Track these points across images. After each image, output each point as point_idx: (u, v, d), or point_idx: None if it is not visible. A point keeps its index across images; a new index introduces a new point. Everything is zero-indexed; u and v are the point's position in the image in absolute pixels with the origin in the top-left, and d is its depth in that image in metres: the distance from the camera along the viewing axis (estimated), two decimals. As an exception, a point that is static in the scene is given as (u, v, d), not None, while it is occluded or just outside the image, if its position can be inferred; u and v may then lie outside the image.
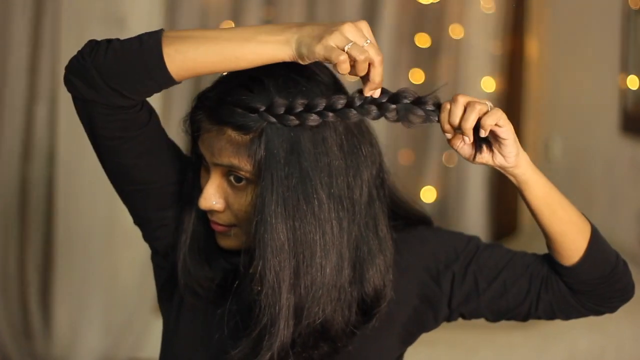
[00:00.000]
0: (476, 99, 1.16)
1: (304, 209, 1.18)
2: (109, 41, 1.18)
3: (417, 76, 3.80)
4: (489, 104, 1.16)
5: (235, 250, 1.29)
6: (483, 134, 1.15)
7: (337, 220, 1.20)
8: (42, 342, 3.42)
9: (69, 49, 3.28)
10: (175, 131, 1.36)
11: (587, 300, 1.32)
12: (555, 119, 3.66)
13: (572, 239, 1.26)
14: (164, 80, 1.17)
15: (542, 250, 1.33)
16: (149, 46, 1.15)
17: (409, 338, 1.36)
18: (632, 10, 2.93)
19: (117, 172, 1.29)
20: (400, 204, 1.35)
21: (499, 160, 1.19)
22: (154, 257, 1.40)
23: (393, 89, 1.20)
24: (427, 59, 3.81)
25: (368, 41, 1.15)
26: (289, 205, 1.18)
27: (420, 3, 3.77)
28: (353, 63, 1.15)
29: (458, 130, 1.17)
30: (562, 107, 3.60)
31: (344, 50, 1.13)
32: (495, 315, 1.34)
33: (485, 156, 1.18)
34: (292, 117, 1.16)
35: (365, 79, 1.17)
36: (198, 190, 1.28)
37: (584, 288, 1.30)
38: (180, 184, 1.32)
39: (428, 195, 3.78)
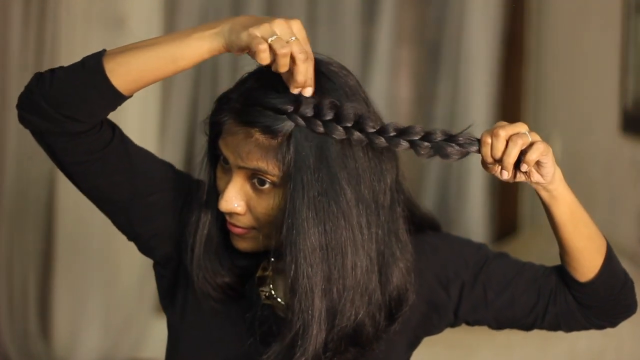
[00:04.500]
0: (516, 129, 1.15)
1: (335, 213, 1.18)
2: (52, 71, 1.19)
3: (417, 76, 3.80)
4: (528, 133, 1.15)
5: (250, 252, 1.28)
6: (525, 168, 1.15)
7: (366, 224, 1.20)
8: (42, 342, 3.42)
9: (70, 49, 3.30)
10: (175, 129, 1.36)
11: (593, 315, 1.33)
12: (554, 119, 3.66)
13: (590, 255, 1.27)
14: (113, 97, 1.17)
15: (542, 249, 1.33)
16: (91, 66, 1.17)
17: (416, 342, 1.37)
18: (632, 10, 2.93)
19: (94, 194, 1.29)
20: (414, 208, 1.35)
21: (536, 178, 1.19)
22: (155, 266, 1.39)
23: (393, 89, 1.20)
24: (427, 59, 3.81)
25: (294, 38, 1.14)
26: (320, 209, 1.17)
27: (420, 3, 3.77)
28: (275, 57, 1.14)
29: (499, 162, 1.16)
30: (561, 107, 3.60)
31: (267, 42, 1.13)
32: (501, 324, 1.36)
33: (522, 176, 1.18)
34: (320, 124, 1.15)
35: (289, 75, 1.16)
36: (215, 191, 1.27)
37: (593, 303, 1.32)
38: (163, 191, 1.31)
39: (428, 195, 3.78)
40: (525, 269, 1.34)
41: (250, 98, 1.19)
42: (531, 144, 1.15)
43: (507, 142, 1.14)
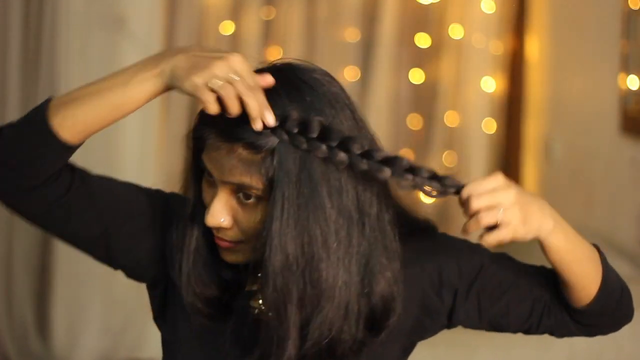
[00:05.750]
0: (493, 200, 1.15)
1: (313, 228, 1.16)
2: None
3: (417, 76, 3.80)
4: (501, 209, 1.15)
5: (238, 265, 1.27)
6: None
7: (347, 237, 1.19)
8: (41, 342, 3.41)
9: (69, 49, 3.30)
10: (175, 131, 1.35)
11: (588, 330, 1.34)
12: (555, 119, 3.66)
13: (583, 287, 1.27)
14: (63, 150, 1.17)
15: (542, 250, 1.32)
16: (37, 123, 1.15)
17: (410, 347, 1.35)
18: (632, 10, 2.93)
19: (66, 238, 1.28)
20: (404, 214, 1.32)
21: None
22: (147, 288, 1.38)
23: (393, 89, 1.20)
24: (427, 59, 3.81)
25: (237, 78, 1.13)
26: (298, 224, 1.16)
27: (420, 3, 3.77)
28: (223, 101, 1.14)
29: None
30: (562, 108, 3.59)
31: (211, 88, 1.13)
32: (494, 329, 1.35)
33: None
34: (304, 141, 1.14)
35: (245, 115, 1.15)
36: (201, 206, 1.25)
37: (588, 322, 1.32)
38: (137, 218, 1.29)
39: (428, 195, 3.78)
40: (522, 277, 1.32)
41: None
42: (498, 225, 1.15)
43: (477, 213, 1.15)
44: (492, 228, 1.16)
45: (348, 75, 3.76)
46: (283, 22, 3.70)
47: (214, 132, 1.18)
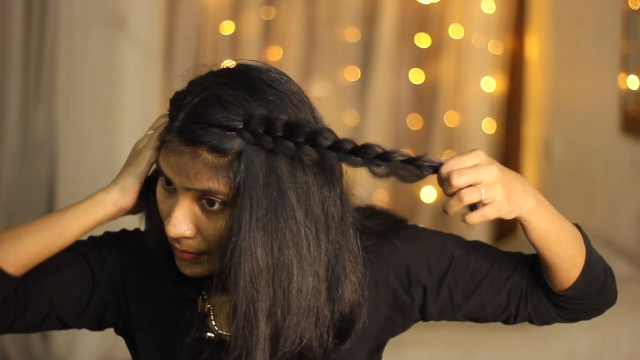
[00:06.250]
0: (476, 177, 1.10)
1: (283, 232, 1.12)
2: None
3: (417, 76, 3.81)
4: (482, 189, 1.10)
5: (196, 277, 1.22)
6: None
7: (314, 241, 1.14)
8: (42, 342, 3.42)
9: (69, 49, 3.30)
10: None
11: (568, 314, 1.30)
12: (555, 119, 3.66)
13: (565, 269, 1.23)
14: (7, 281, 1.20)
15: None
16: None
17: (380, 347, 1.32)
18: (632, 10, 2.93)
19: (23, 330, 1.28)
20: (368, 215, 1.29)
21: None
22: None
23: (393, 89, 1.17)
24: (427, 59, 3.81)
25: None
26: (268, 228, 1.11)
27: (420, 3, 3.77)
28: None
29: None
30: (562, 107, 3.60)
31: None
32: (472, 321, 1.31)
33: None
34: (270, 140, 1.10)
35: None
36: (150, 220, 1.23)
37: (569, 306, 1.28)
38: (92, 296, 1.28)
39: (428, 195, 3.78)
40: (495, 267, 1.28)
41: (194, 115, 1.12)
42: (480, 203, 1.10)
43: (458, 191, 1.10)
44: (474, 207, 1.10)
45: (348, 75, 3.76)
46: (283, 22, 3.70)
47: (175, 136, 1.13)
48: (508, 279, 1.28)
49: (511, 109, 3.84)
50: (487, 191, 1.10)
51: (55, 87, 3.34)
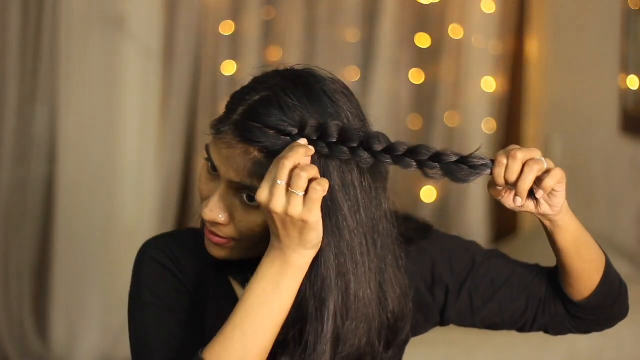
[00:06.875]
0: (532, 153, 1.12)
1: (338, 240, 1.14)
2: None
3: (417, 76, 3.80)
4: (544, 159, 1.12)
5: (226, 261, 1.25)
6: (540, 195, 1.12)
7: (367, 251, 1.17)
8: (41, 342, 3.41)
9: (69, 49, 3.30)
10: (175, 131, 1.33)
11: (583, 325, 1.33)
12: (555, 119, 3.66)
13: (589, 276, 1.26)
14: None
15: (542, 249, 1.32)
16: None
17: (404, 346, 1.35)
18: (632, 10, 2.93)
19: None
20: (404, 225, 1.31)
21: (544, 209, 1.16)
22: None
23: (393, 89, 1.18)
24: (427, 59, 3.81)
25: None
26: (328, 236, 1.13)
27: (420, 3, 3.77)
28: None
29: (511, 186, 1.13)
30: (562, 107, 3.59)
31: None
32: (488, 328, 1.34)
33: (530, 205, 1.15)
34: (324, 146, 1.11)
35: None
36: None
37: (585, 317, 1.31)
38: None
39: (428, 195, 3.78)
40: (515, 274, 1.31)
41: (253, 113, 1.14)
42: (548, 171, 1.12)
43: (524, 166, 1.11)
44: (532, 195, 1.11)
45: (348, 75, 3.76)
46: (283, 22, 3.70)
47: (231, 129, 1.15)
48: (527, 287, 1.31)
49: (511, 109, 3.83)
50: (549, 164, 1.12)
51: (55, 87, 3.34)
